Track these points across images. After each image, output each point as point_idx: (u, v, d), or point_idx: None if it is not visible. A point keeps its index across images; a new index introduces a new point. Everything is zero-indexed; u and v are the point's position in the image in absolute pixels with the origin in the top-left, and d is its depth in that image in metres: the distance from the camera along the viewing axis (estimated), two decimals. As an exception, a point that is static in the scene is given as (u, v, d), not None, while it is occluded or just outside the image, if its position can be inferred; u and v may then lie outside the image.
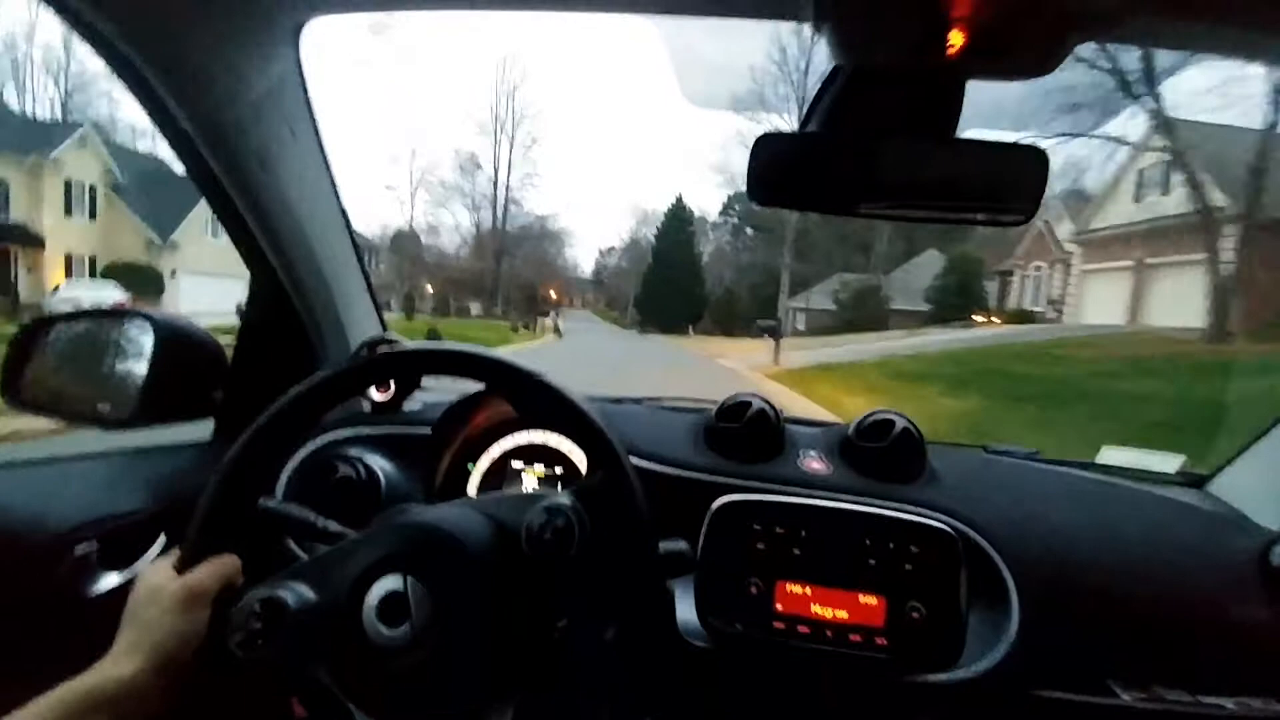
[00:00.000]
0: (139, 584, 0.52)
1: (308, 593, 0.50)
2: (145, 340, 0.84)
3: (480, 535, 0.53)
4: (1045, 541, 0.76)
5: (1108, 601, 0.72)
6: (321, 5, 0.66)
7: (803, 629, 0.68)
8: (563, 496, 0.54)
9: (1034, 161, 0.58)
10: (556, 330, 21.70)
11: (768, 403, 0.85)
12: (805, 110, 0.62)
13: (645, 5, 0.60)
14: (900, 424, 0.81)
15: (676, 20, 0.61)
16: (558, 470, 0.87)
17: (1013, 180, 0.60)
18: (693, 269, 33.73)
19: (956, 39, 0.49)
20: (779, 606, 0.69)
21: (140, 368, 0.84)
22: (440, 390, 0.99)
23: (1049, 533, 0.77)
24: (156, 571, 0.53)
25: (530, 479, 0.87)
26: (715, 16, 0.60)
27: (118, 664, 0.47)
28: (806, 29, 0.52)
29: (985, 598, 0.72)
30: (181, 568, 0.52)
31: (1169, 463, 1.03)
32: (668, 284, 32.00)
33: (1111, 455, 1.07)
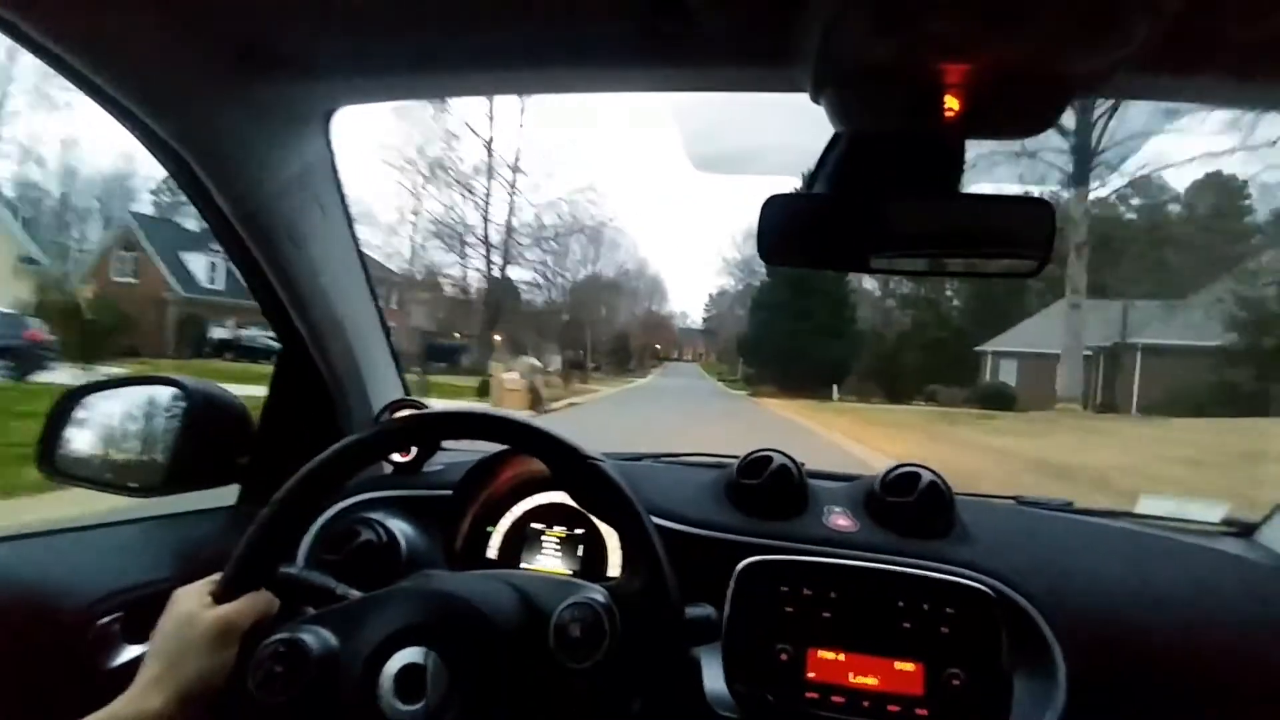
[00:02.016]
0: (171, 609, 0.52)
1: (331, 639, 0.49)
2: (176, 407, 0.87)
3: (508, 613, 0.52)
4: (1088, 599, 0.72)
5: (1157, 662, 0.68)
6: (350, 96, 0.71)
7: (837, 699, 0.65)
8: (597, 592, 0.53)
9: (1039, 212, 0.59)
10: (534, 397, 10.81)
11: (789, 457, 0.84)
12: (811, 172, 0.64)
13: (651, 84, 0.63)
14: (927, 477, 0.79)
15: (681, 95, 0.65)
16: (578, 531, 0.86)
17: (1020, 231, 0.61)
18: (834, 292, 19.71)
19: (952, 104, 0.51)
20: (811, 674, 0.66)
21: (169, 434, 0.87)
22: (461, 450, 0.99)
23: (1091, 589, 0.73)
24: (190, 597, 0.53)
25: (551, 540, 0.86)
26: (718, 92, 0.63)
27: (145, 697, 0.47)
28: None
29: (1027, 661, 0.68)
30: (218, 598, 0.52)
31: (1212, 511, 0.99)
32: (793, 318, 18.33)
33: (1151, 505, 1.03)
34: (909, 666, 0.65)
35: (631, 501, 0.56)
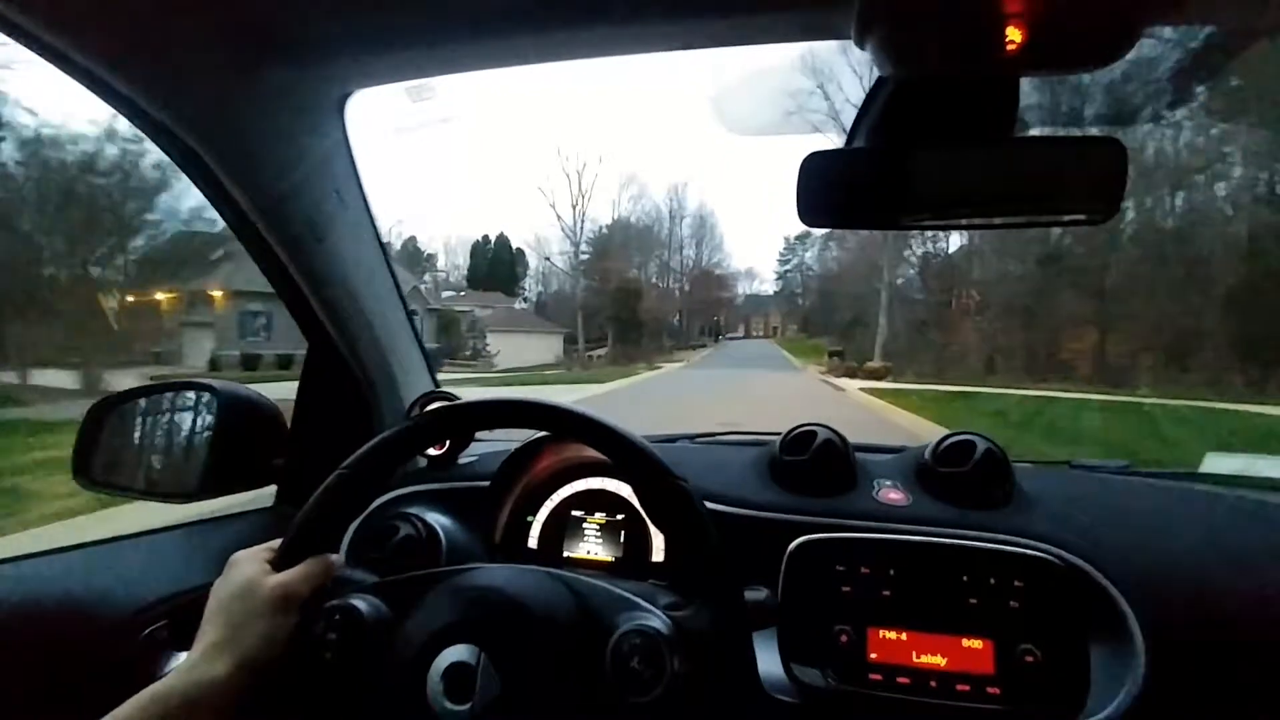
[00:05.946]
0: (231, 572, 0.52)
1: (384, 608, 0.50)
2: (208, 411, 0.86)
3: (564, 621, 0.50)
4: (1161, 564, 0.68)
5: (1241, 627, 0.64)
6: (365, 78, 0.69)
7: (902, 680, 0.62)
8: (659, 620, 0.49)
9: (1108, 154, 0.55)
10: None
11: (834, 431, 0.81)
12: (851, 125, 0.60)
13: (680, 41, 0.60)
14: (982, 445, 0.76)
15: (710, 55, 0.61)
16: (619, 517, 0.84)
17: (1085, 177, 0.56)
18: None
19: (1015, 35, 0.46)
20: (873, 655, 0.63)
21: (203, 438, 0.86)
22: (495, 440, 0.98)
23: (1164, 554, 0.69)
24: (251, 561, 0.52)
25: (593, 527, 0.84)
26: (752, 45, 0.59)
27: (210, 663, 0.46)
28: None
29: (1102, 633, 0.64)
30: (279, 564, 0.52)
31: (1283, 467, 0.94)
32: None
33: (1217, 463, 0.98)
34: (977, 644, 0.62)
35: (709, 531, 0.52)
